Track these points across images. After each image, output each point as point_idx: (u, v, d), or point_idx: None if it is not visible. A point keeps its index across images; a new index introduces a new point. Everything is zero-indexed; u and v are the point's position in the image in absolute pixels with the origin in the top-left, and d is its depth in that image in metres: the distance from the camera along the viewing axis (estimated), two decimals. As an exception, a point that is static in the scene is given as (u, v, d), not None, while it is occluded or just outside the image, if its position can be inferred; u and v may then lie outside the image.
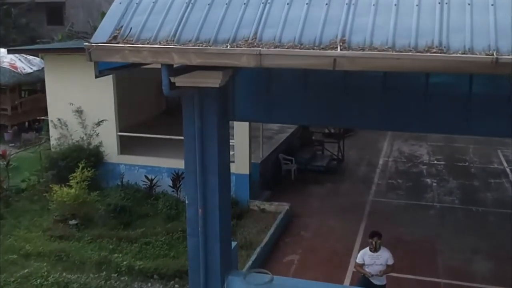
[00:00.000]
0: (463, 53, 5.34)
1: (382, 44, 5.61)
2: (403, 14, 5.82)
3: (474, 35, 5.48)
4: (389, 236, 12.14)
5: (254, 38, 6.03)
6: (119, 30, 6.56)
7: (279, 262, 12.45)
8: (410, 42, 5.55)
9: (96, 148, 16.28)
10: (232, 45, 6.01)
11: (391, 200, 16.48)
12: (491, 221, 14.76)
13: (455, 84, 7.30)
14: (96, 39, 6.48)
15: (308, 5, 6.16)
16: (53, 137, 16.77)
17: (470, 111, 7.31)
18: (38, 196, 15.49)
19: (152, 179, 15.84)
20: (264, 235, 13.30)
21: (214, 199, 8.00)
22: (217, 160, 7.83)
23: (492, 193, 16.99)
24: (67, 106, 16.31)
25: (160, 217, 14.42)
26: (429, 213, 15.41)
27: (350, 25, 5.84)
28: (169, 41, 6.27)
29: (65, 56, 16.42)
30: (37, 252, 12.26)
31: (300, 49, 5.77)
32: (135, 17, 6.63)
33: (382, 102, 7.62)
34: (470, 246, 13.06)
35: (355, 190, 17.35)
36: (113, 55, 6.40)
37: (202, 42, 6.14)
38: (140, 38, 6.40)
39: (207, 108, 7.61)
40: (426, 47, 5.48)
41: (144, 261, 11.98)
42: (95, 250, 12.51)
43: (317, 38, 5.80)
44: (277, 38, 5.94)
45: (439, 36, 5.54)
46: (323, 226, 14.38)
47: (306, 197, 16.61)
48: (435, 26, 5.63)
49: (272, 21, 6.12)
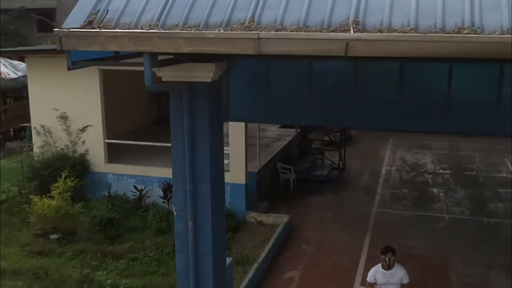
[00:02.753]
0: (501, 33, 4.54)
1: (403, 25, 4.81)
2: (425, -8, 5.03)
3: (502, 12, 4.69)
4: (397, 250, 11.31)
5: (251, 21, 5.23)
6: (95, 14, 5.76)
7: (278, 279, 11.58)
8: (436, 22, 4.75)
9: (82, 157, 15.40)
10: (226, 29, 5.20)
11: (397, 211, 15.67)
12: (505, 233, 13.93)
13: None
14: (69, 24, 5.67)
15: (313, -16, 5.36)
16: (36, 144, 15.90)
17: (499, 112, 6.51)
18: (18, 208, 14.55)
19: (141, 190, 15.00)
20: (262, 249, 12.44)
21: (206, 209, 7.14)
22: (209, 165, 6.98)
23: (504, 203, 16.17)
24: (51, 112, 15.45)
25: (150, 230, 13.54)
26: (438, 225, 14.57)
27: (365, 4, 5.04)
28: (152, 26, 5.46)
29: (49, 58, 15.57)
30: (13, 269, 11.31)
31: (306, 32, 4.95)
32: (113, 1, 5.82)
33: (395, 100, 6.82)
34: (485, 260, 12.23)
35: (358, 200, 16.54)
36: (88, 43, 5.57)
37: (191, 27, 5.34)
38: (119, 22, 5.58)
39: (197, 107, 6.76)
40: (456, 28, 4.68)
41: (131, 279, 11.06)
42: (76, 267, 11.57)
43: (325, 20, 5.00)
44: (278, 20, 5.14)
45: (470, 15, 4.74)
46: (326, 239, 13.55)
47: (306, 208, 15.78)
48: (465, 3, 4.83)
49: (273, 1, 5.31)
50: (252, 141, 15.86)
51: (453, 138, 22.94)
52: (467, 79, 6.36)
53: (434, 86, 6.50)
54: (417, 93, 6.57)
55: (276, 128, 21.27)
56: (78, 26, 5.61)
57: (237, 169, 14.57)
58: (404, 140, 23.34)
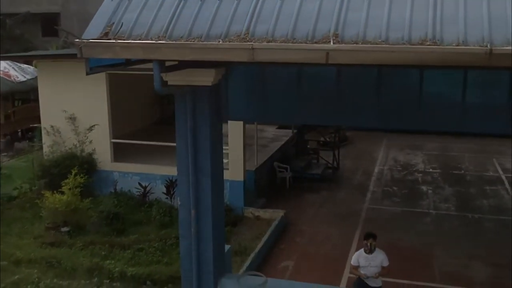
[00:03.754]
0: (457, 45, 5.32)
1: (376, 37, 5.58)
2: (396, 7, 5.80)
3: (467, 27, 5.46)
4: (385, 242, 12.05)
5: (246, 33, 5.99)
6: (110, 26, 6.52)
7: (274, 268, 12.32)
8: (403, 35, 5.53)
9: (89, 156, 16.17)
10: (225, 40, 5.98)
11: (387, 207, 16.42)
12: (487, 228, 14.71)
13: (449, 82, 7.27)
14: (87, 35, 6.45)
15: (301, 2, 6.14)
16: (46, 144, 16.67)
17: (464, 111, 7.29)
18: (29, 204, 15.37)
19: (145, 187, 15.75)
20: (258, 241, 13.20)
21: (207, 200, 7.93)
22: (209, 160, 7.77)
23: (488, 200, 16.94)
24: (60, 113, 16.22)
25: (154, 224, 14.30)
26: (425, 220, 15.33)
27: (343, 19, 5.81)
28: (161, 37, 6.23)
29: (58, 63, 16.37)
30: (28, 258, 12.12)
31: (293, 43, 5.74)
32: (126, 13, 6.59)
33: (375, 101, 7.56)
34: (466, 252, 12.97)
35: (350, 197, 17.30)
36: (105, 51, 6.36)
37: (194, 38, 6.10)
38: (131, 34, 6.35)
39: (199, 108, 7.57)
40: (420, 40, 5.45)
41: (137, 267, 11.84)
42: (86, 256, 12.36)
43: (310, 33, 5.77)
44: (269, 33, 5.91)
45: (432, 29, 5.51)
46: (318, 233, 14.30)
47: (301, 204, 16.53)
48: (428, 18, 5.61)
49: (265, 16, 6.08)
50: (250, 141, 16.63)
51: (444, 139, 23.73)
52: (436, 82, 7.14)
53: (408, 88, 7.28)
54: (393, 94, 7.34)
55: (274, 129, 22.05)
56: (96, 37, 6.38)
57: (235, 167, 15.34)
58: (397, 141, 24.12)
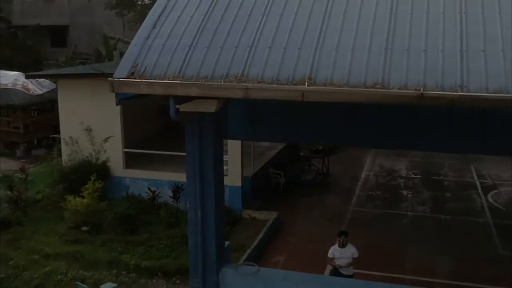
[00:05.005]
0: (399, 88, 6.98)
1: (340, 81, 7.21)
2: (357, 56, 7.43)
3: (408, 74, 7.10)
4: (365, 240, 13.86)
5: (242, 75, 7.63)
6: (135, 67, 8.16)
7: (267, 262, 13.99)
8: (361, 79, 7.18)
9: (104, 163, 17.83)
10: (225, 81, 7.62)
11: (370, 210, 18.07)
12: (456, 228, 16.34)
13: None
14: (118, 74, 8.09)
15: (284, 49, 7.78)
16: (65, 153, 18.32)
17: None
18: (52, 206, 16.99)
19: (154, 191, 17.35)
20: (254, 239, 14.85)
21: (210, 203, 9.52)
22: (212, 171, 9.36)
23: (460, 203, 18.59)
24: (77, 125, 17.88)
25: (162, 224, 15.90)
26: (402, 220, 16.98)
27: (316, 66, 7.45)
28: (175, 77, 7.88)
29: (76, 80, 18.05)
30: (55, 253, 13.82)
31: (277, 85, 7.40)
32: (148, 56, 8.24)
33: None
34: (435, 249, 14.60)
35: (338, 201, 18.92)
36: (132, 88, 8.00)
37: (202, 78, 7.74)
38: (152, 74, 8.00)
39: (204, 129, 9.16)
40: (373, 84, 7.12)
41: (149, 261, 13.53)
42: (105, 252, 14.05)
43: (290, 76, 7.40)
44: (260, 75, 7.54)
45: (382, 75, 7.16)
46: (307, 232, 15.92)
47: (293, 207, 18.15)
48: (379, 66, 7.27)
49: (257, 62, 7.72)
50: (247, 150, 18.26)
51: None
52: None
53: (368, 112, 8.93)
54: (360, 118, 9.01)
55: (270, 138, 23.63)
56: (124, 76, 8.04)
57: (234, 173, 16.98)
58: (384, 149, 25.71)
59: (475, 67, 7.04)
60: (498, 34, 7.41)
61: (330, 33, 7.86)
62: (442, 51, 7.34)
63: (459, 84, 6.88)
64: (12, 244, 14.45)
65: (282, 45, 7.86)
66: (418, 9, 8.00)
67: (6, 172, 20.64)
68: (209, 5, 8.89)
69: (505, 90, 6.71)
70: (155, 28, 8.71)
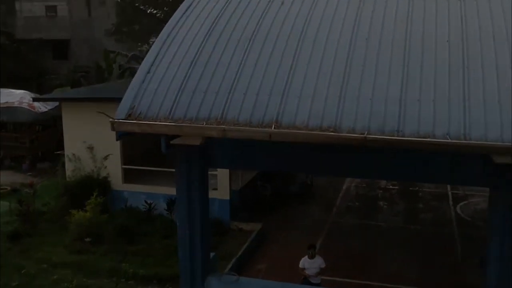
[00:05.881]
0: (348, 132, 8.42)
1: (301, 124, 8.63)
2: (316, 104, 8.83)
3: (356, 120, 8.53)
4: (340, 249, 15.26)
5: (221, 118, 9.04)
6: (132, 109, 9.56)
7: (251, 269, 15.38)
8: (318, 123, 8.59)
9: (104, 179, 19.22)
10: (207, 123, 9.02)
11: (347, 220, 19.48)
12: (424, 238, 17.76)
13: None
14: (117, 115, 9.51)
15: (256, 95, 9.19)
16: (69, 169, 19.73)
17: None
18: (57, 218, 18.37)
19: (150, 204, 18.71)
20: (240, 249, 16.24)
21: (197, 221, 10.86)
22: (198, 194, 10.77)
23: (431, 214, 20.05)
24: (80, 144, 19.27)
25: (158, 235, 17.21)
26: (376, 231, 18.41)
27: (282, 111, 8.85)
28: (166, 118, 9.30)
29: (79, 103, 19.48)
30: (62, 262, 15.20)
31: (250, 127, 8.81)
32: (143, 100, 9.63)
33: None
34: (403, 257, 15.99)
35: (319, 211, 20.30)
36: (129, 128, 9.43)
37: (188, 120, 9.16)
38: (147, 116, 9.39)
39: (191, 159, 10.56)
40: (327, 127, 8.55)
41: (146, 269, 14.91)
42: (106, 261, 15.41)
43: (260, 120, 8.81)
44: (235, 118, 8.93)
45: (335, 120, 8.60)
46: (289, 241, 17.26)
47: (278, 217, 19.49)
48: (334, 113, 8.68)
49: (234, 107, 9.11)
50: (236, 165, 19.63)
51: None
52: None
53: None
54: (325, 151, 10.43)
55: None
56: (123, 118, 9.45)
57: (223, 188, 18.37)
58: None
59: (410, 115, 8.48)
60: (431, 84, 8.86)
61: (295, 82, 9.28)
62: (386, 100, 8.77)
63: (396, 129, 8.32)
64: (23, 254, 15.86)
65: (255, 92, 9.27)
66: (369, 62, 9.42)
67: (13, 185, 22.06)
68: (196, 52, 10.32)
69: (432, 135, 8.16)
70: (149, 73, 10.13)
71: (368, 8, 10.80)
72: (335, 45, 9.93)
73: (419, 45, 9.63)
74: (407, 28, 10.08)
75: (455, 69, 9.05)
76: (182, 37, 10.83)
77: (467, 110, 8.38)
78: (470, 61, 9.14)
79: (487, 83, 8.72)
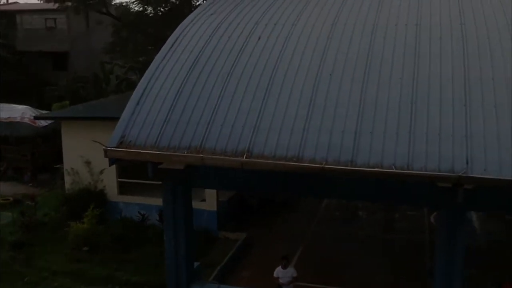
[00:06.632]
0: (309, 162, 9.59)
1: (269, 155, 9.77)
2: (282, 135, 9.96)
3: (317, 151, 9.70)
4: (318, 256, 16.36)
5: (200, 147, 10.20)
6: (123, 138, 10.75)
7: (235, 276, 16.52)
8: (283, 153, 9.74)
9: (101, 191, 20.39)
10: (188, 152, 10.19)
11: (327, 229, 20.59)
12: (397, 246, 18.92)
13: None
14: (110, 144, 10.71)
15: (232, 127, 10.36)
16: (68, 182, 20.89)
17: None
18: (56, 228, 19.52)
19: (143, 214, 19.86)
20: (225, 257, 17.41)
21: (182, 236, 12.04)
22: (183, 209, 11.87)
23: (406, 223, 21.20)
24: (78, 158, 20.43)
25: (150, 244, 18.33)
26: (353, 238, 19.56)
27: (253, 142, 9.99)
28: (153, 147, 10.47)
29: (78, 121, 20.67)
30: (62, 270, 16.34)
31: (225, 156, 9.98)
32: (132, 130, 10.81)
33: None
34: (375, 263, 17.16)
35: (301, 220, 21.42)
36: (120, 155, 10.63)
37: (172, 148, 10.33)
38: (135, 145, 10.57)
39: (176, 180, 11.69)
40: (291, 157, 9.72)
41: (138, 276, 16.05)
42: (102, 269, 16.51)
43: (234, 150, 9.96)
44: (213, 148, 10.09)
45: (299, 151, 9.76)
46: (271, 249, 18.25)
47: (263, 226, 20.48)
48: (297, 144, 9.85)
49: (211, 138, 10.28)
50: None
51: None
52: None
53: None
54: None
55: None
56: (114, 146, 10.65)
57: (210, 199, 19.51)
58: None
59: (363, 146, 9.65)
60: (383, 118, 10.01)
61: (266, 115, 10.44)
62: (343, 132, 9.94)
63: (350, 159, 9.50)
64: (25, 263, 17.01)
65: (231, 124, 10.44)
66: (331, 96, 10.58)
67: (16, 196, 23.22)
68: (180, 86, 11.53)
69: (380, 165, 9.33)
70: (138, 105, 11.33)
71: (334, 45, 11.99)
72: (302, 80, 11.10)
73: (375, 82, 10.78)
74: (367, 64, 11.25)
75: (404, 105, 10.18)
76: (168, 70, 12.07)
77: (411, 143, 9.53)
78: (418, 98, 10.27)
79: (431, 119, 9.85)
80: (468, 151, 9.21)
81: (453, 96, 10.21)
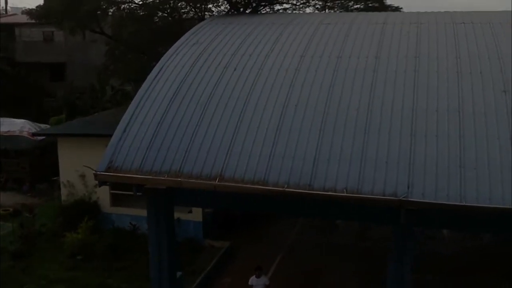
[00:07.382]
0: (273, 186, 10.84)
1: (239, 178, 11.06)
2: (251, 161, 11.23)
3: (280, 175, 10.95)
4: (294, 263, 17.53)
5: (179, 171, 11.46)
6: (111, 163, 12.01)
7: (217, 282, 17.72)
8: (251, 177, 11.00)
9: (95, 202, 21.57)
10: (169, 175, 11.46)
11: (307, 238, 21.76)
12: (373, 253, 20.00)
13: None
14: (99, 168, 11.95)
15: (207, 153, 11.63)
16: (64, 194, 22.10)
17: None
18: (53, 237, 20.70)
19: (134, 225, 20.96)
20: (209, 264, 18.63)
21: (164, 246, 13.21)
22: (165, 225, 13.13)
23: (383, 231, 22.31)
24: (74, 172, 21.60)
25: (141, 252, 19.30)
26: (330, 247, 20.74)
27: (226, 166, 11.27)
28: (137, 171, 11.73)
29: (73, 137, 21.91)
30: (58, 278, 17.46)
31: (200, 180, 11.24)
32: (119, 155, 12.07)
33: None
34: (349, 270, 18.32)
35: (283, 229, 22.44)
36: (108, 179, 11.90)
37: (154, 172, 11.60)
38: (122, 169, 11.83)
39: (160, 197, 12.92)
40: (257, 181, 10.98)
41: (129, 283, 17.22)
42: (96, 277, 17.60)
43: (209, 173, 11.23)
44: (190, 172, 11.35)
45: (265, 175, 11.02)
46: (253, 257, 19.15)
47: (247, 235, 21.50)
48: (264, 169, 11.10)
49: (189, 162, 11.55)
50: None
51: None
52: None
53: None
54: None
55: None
56: (103, 170, 11.90)
57: (196, 211, 20.70)
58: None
59: (320, 172, 10.91)
60: (339, 146, 11.26)
61: (237, 143, 11.72)
62: (304, 158, 11.22)
63: (308, 183, 10.76)
64: (24, 271, 18.17)
65: (206, 150, 11.71)
66: (295, 125, 11.84)
67: (15, 206, 24.36)
68: (162, 114, 12.79)
69: (334, 189, 10.58)
70: (125, 132, 12.59)
71: (301, 77, 13.27)
72: (271, 110, 12.38)
73: (334, 112, 12.04)
74: (328, 96, 12.52)
75: (359, 133, 11.44)
76: (152, 100, 13.34)
77: (362, 168, 10.78)
78: (371, 127, 11.54)
79: (381, 147, 11.11)
80: (410, 177, 10.44)
81: (401, 125, 11.42)
